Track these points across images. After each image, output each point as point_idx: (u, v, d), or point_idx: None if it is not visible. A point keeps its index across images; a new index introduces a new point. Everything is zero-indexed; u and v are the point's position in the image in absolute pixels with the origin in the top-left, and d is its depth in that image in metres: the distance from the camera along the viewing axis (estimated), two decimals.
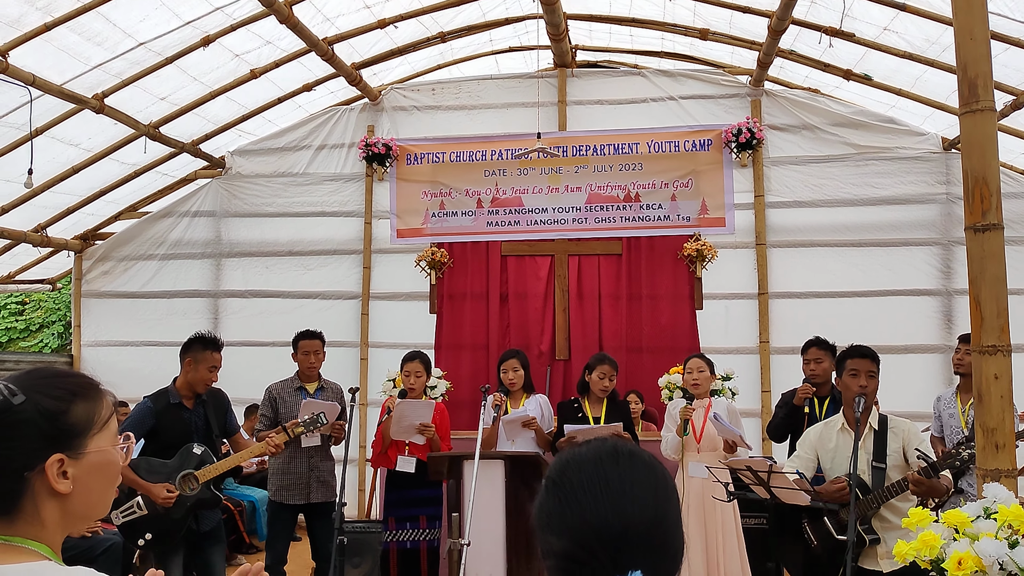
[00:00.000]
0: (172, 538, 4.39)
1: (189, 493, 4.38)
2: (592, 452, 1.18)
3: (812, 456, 3.95)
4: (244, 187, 8.51)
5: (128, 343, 8.46)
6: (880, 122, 7.70)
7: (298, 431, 4.75)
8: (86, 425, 1.30)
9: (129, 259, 8.62)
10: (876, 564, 3.61)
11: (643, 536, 1.09)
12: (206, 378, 4.56)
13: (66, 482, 1.26)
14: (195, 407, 4.58)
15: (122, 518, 4.34)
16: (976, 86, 3.00)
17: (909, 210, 7.62)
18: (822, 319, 7.11)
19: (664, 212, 7.95)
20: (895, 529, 3.56)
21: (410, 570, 5.10)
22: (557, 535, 1.12)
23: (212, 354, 4.57)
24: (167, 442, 4.45)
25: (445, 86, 8.43)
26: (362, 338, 8.19)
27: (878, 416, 3.80)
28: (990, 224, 2.93)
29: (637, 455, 1.18)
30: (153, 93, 6.90)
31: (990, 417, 2.86)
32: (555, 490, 1.16)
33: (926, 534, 2.56)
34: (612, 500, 1.11)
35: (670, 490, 1.18)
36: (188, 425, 4.52)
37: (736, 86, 8.00)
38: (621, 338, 7.81)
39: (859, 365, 3.81)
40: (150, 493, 4.29)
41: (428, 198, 8.25)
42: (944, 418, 5.38)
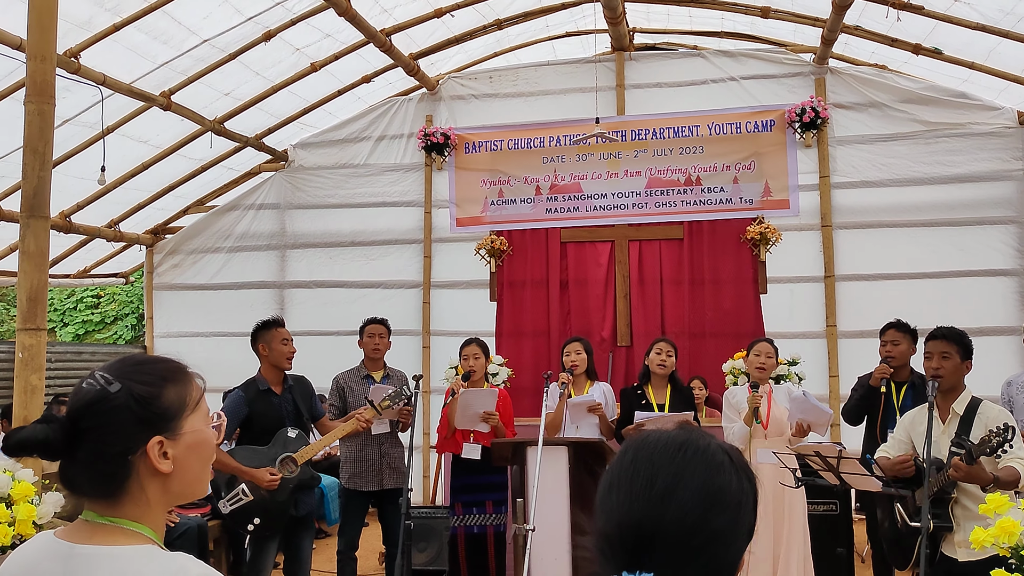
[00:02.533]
0: (278, 521, 4.53)
1: (289, 475, 4.51)
2: (657, 440, 1.13)
3: (906, 439, 3.87)
4: (307, 179, 8.66)
5: (198, 334, 8.70)
6: (951, 97, 7.44)
7: (384, 405, 4.82)
8: (179, 407, 1.35)
9: (198, 252, 8.86)
10: (954, 551, 3.51)
11: (673, 541, 1.03)
12: (285, 352, 4.67)
13: (167, 462, 1.32)
14: (283, 392, 4.70)
15: (230, 506, 4.47)
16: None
17: (983, 188, 7.35)
18: (891, 302, 6.93)
19: (726, 195, 7.83)
20: (973, 517, 3.45)
21: (478, 554, 5.16)
22: (599, 515, 1.10)
23: (278, 330, 4.69)
24: (262, 428, 4.57)
25: (502, 73, 8.43)
26: (424, 326, 8.27)
27: (969, 400, 3.68)
28: None
29: (704, 455, 1.10)
30: (217, 89, 7.07)
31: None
32: (610, 469, 1.13)
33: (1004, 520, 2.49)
34: (651, 496, 1.06)
35: (731, 500, 1.08)
36: (279, 410, 4.64)
37: (799, 64, 7.82)
38: (684, 323, 7.73)
39: (932, 347, 3.72)
40: (254, 478, 4.42)
41: (487, 186, 8.27)
42: (1017, 402, 5.19)
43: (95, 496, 1.31)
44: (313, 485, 4.74)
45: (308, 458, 4.56)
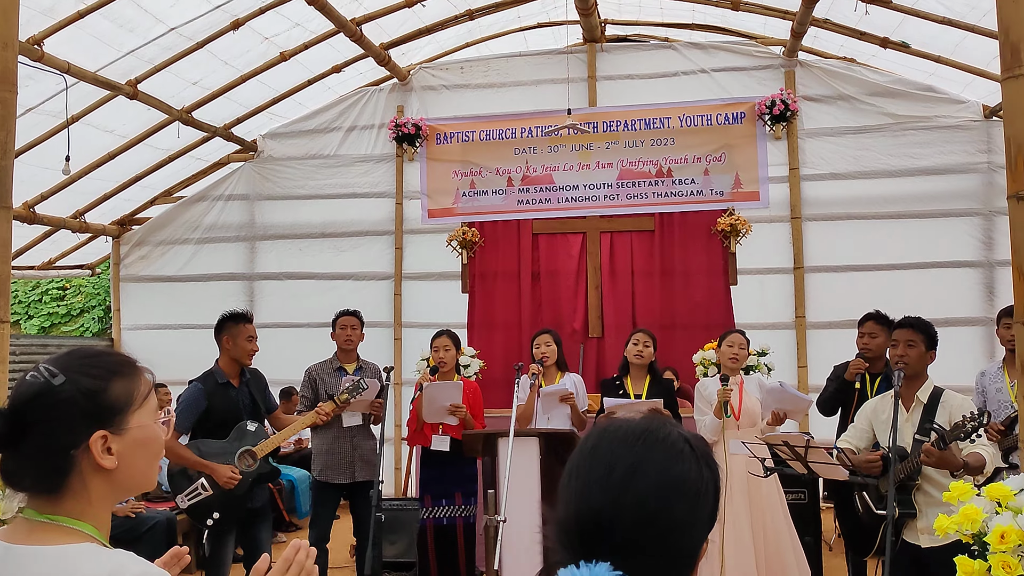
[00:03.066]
0: (235, 515, 4.49)
1: (247, 469, 4.47)
2: (620, 429, 1.13)
3: (868, 428, 3.92)
4: (276, 170, 8.57)
5: (166, 326, 8.59)
6: (918, 90, 7.53)
7: (343, 399, 4.81)
8: (126, 402, 1.32)
9: (165, 243, 8.74)
10: (916, 538, 3.57)
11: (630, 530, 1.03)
12: (248, 349, 4.63)
13: (111, 458, 1.29)
14: (241, 385, 4.65)
15: (188, 501, 4.42)
16: (1019, 50, 2.90)
17: (949, 180, 7.46)
18: (859, 293, 7.01)
19: (697, 187, 7.86)
20: (936, 504, 3.51)
21: (447, 546, 5.15)
22: (560, 503, 1.09)
23: (245, 326, 4.64)
24: (219, 421, 4.53)
25: (474, 64, 8.39)
26: (395, 318, 8.24)
27: (932, 389, 3.73)
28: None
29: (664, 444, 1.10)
30: (185, 78, 6.96)
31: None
32: (572, 458, 1.13)
33: (968, 508, 2.52)
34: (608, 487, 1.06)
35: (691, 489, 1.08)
36: (237, 403, 4.60)
37: (769, 57, 7.86)
38: (655, 315, 7.76)
39: (898, 335, 3.77)
40: (214, 473, 4.38)
41: (458, 177, 8.24)
42: (990, 393, 5.25)
43: (36, 492, 1.29)
44: (272, 478, 4.71)
45: (267, 451, 4.52)
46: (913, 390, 3.73)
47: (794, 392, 4.65)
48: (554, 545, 1.07)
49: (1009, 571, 2.26)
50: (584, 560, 0.99)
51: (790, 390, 4.66)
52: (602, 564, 0.98)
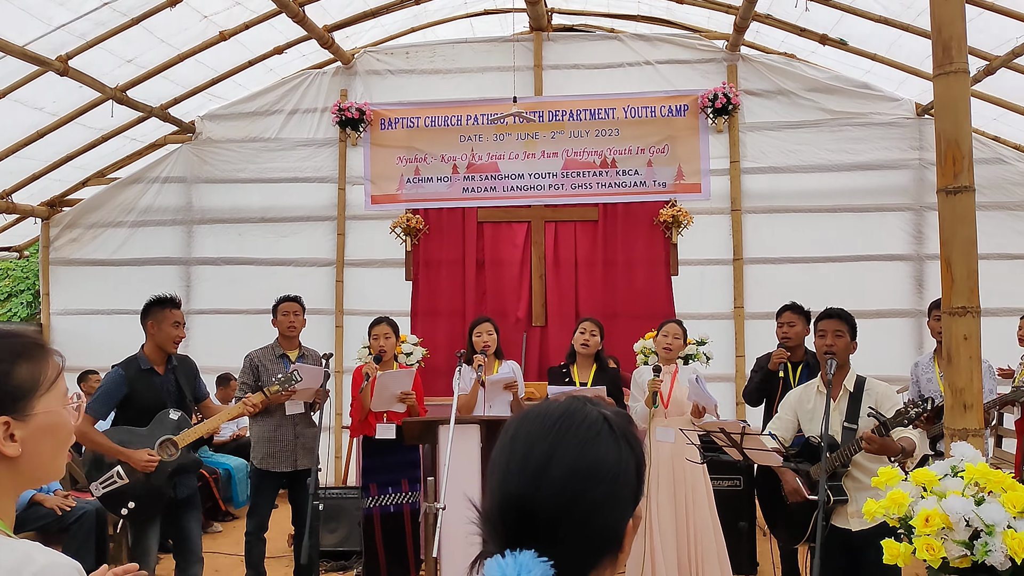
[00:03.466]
0: (154, 506, 4.36)
1: (168, 459, 4.35)
2: (536, 417, 1.13)
3: (792, 417, 4.00)
4: (215, 152, 8.38)
5: (99, 311, 8.34)
6: (855, 87, 7.71)
7: (273, 390, 4.72)
8: (31, 386, 1.27)
9: (98, 226, 8.48)
10: (846, 523, 3.67)
11: (551, 515, 1.03)
12: (172, 335, 4.47)
13: (14, 445, 1.24)
14: (166, 373, 4.51)
15: (103, 489, 4.28)
16: (950, 48, 2.99)
17: (883, 175, 7.67)
18: (796, 284, 7.16)
19: (640, 178, 7.94)
20: (865, 489, 3.61)
21: (395, 533, 5.12)
22: (486, 493, 1.11)
23: (172, 311, 4.48)
24: (141, 409, 4.39)
25: (419, 50, 8.32)
26: (337, 305, 8.14)
27: (855, 378, 3.84)
28: (962, 186, 2.94)
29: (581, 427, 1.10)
30: (119, 55, 6.74)
31: (959, 377, 2.89)
32: (498, 445, 1.13)
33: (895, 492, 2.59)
34: (529, 471, 1.06)
35: (608, 472, 1.08)
36: (161, 391, 4.46)
37: (712, 51, 7.96)
38: (597, 304, 7.82)
39: (825, 326, 3.86)
40: (131, 460, 4.25)
41: (403, 164, 8.17)
42: (922, 383, 5.44)
43: None
44: (194, 469, 4.58)
45: (190, 441, 4.41)
46: (839, 379, 3.83)
47: (703, 389, 4.72)
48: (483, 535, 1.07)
49: (933, 553, 2.33)
50: (510, 548, 0.99)
51: (701, 387, 4.73)
52: (527, 552, 0.98)
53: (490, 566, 0.98)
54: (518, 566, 0.97)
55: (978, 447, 2.71)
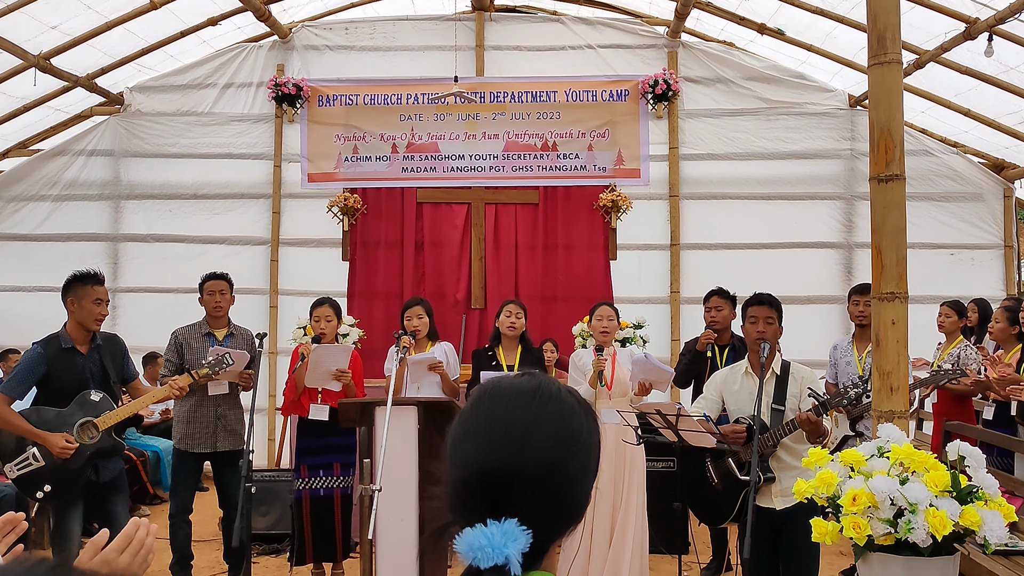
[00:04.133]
0: (72, 489, 4.20)
1: (88, 442, 4.20)
2: (510, 388, 1.15)
3: (717, 398, 4.07)
4: (145, 126, 8.10)
5: (20, 288, 8.01)
6: (791, 77, 7.85)
7: (202, 373, 4.59)
8: None
9: (19, 199, 8.13)
10: (771, 502, 3.76)
11: (532, 485, 1.05)
12: (94, 312, 4.30)
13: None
14: (90, 352, 4.34)
15: (17, 471, 4.12)
16: (885, 38, 3.05)
17: (815, 165, 7.84)
18: (730, 270, 7.29)
19: (581, 162, 7.96)
20: (789, 469, 3.71)
21: (323, 517, 5.06)
22: (452, 465, 1.10)
23: (94, 288, 4.31)
24: (61, 389, 4.22)
25: (359, 26, 8.17)
26: (271, 285, 7.98)
27: (781, 362, 3.93)
28: (893, 175, 3.01)
29: (556, 400, 1.13)
30: (43, 21, 6.45)
31: (886, 361, 2.97)
32: (462, 419, 1.14)
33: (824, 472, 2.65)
34: (509, 443, 1.07)
35: (582, 444, 1.13)
36: (83, 371, 4.29)
37: (654, 37, 8.01)
38: (537, 287, 7.85)
39: (757, 312, 3.92)
40: (46, 443, 4.09)
41: (341, 142, 8.03)
42: (840, 365, 5.60)
43: None
44: (114, 453, 4.41)
45: (111, 424, 4.26)
46: (767, 363, 3.91)
47: (658, 364, 4.80)
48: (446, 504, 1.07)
49: (859, 531, 2.40)
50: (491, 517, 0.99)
51: (654, 362, 4.81)
52: (510, 520, 0.99)
53: (471, 535, 0.98)
54: (503, 534, 0.98)
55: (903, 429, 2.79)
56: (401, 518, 4.19)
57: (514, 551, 0.97)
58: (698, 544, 5.86)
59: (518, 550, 0.97)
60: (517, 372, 1.45)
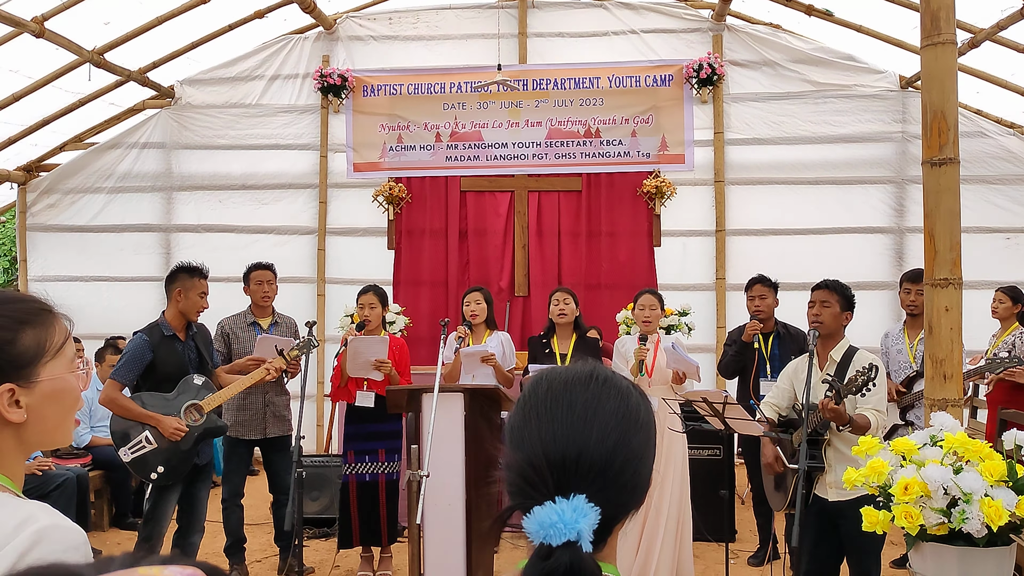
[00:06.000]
0: (181, 470, 4.35)
1: (194, 424, 4.34)
2: (567, 372, 1.17)
3: (789, 387, 4.04)
4: (195, 118, 8.25)
5: (77, 278, 8.24)
6: (839, 59, 7.70)
7: (293, 355, 4.68)
8: (36, 353, 1.25)
9: (76, 192, 8.35)
10: (824, 492, 3.72)
11: (597, 464, 1.07)
12: (198, 305, 4.47)
13: (19, 411, 1.22)
14: (187, 339, 4.50)
15: (131, 454, 4.26)
16: (938, 19, 2.99)
17: (865, 148, 7.69)
18: (777, 256, 7.21)
19: (624, 148, 7.91)
20: (844, 460, 3.65)
21: (369, 502, 5.14)
22: (515, 448, 1.11)
23: (199, 280, 4.48)
24: (164, 375, 4.37)
25: (402, 15, 8.20)
26: (319, 274, 8.10)
27: (846, 348, 3.86)
28: (947, 158, 2.95)
29: (612, 381, 1.16)
30: (97, 17, 6.62)
31: (939, 348, 2.93)
32: (523, 404, 1.16)
33: (875, 461, 2.63)
34: (572, 423, 1.09)
35: (641, 422, 1.14)
36: (183, 357, 4.44)
37: (698, 20, 7.92)
38: (580, 275, 7.84)
39: (815, 296, 3.89)
40: (160, 425, 4.23)
41: (385, 131, 8.09)
42: (891, 354, 5.50)
43: None
44: (219, 434, 4.58)
45: (215, 406, 4.41)
46: (828, 349, 3.86)
47: (683, 354, 4.75)
48: (512, 490, 1.08)
49: (911, 520, 2.37)
50: (561, 495, 1.01)
51: (680, 352, 4.76)
52: (579, 496, 1.00)
53: (541, 513, 0.99)
54: (573, 510, 0.99)
55: (957, 417, 2.75)
56: (448, 503, 4.24)
57: (585, 526, 0.98)
58: (744, 532, 5.84)
59: (589, 526, 0.98)
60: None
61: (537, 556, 0.98)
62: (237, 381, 4.59)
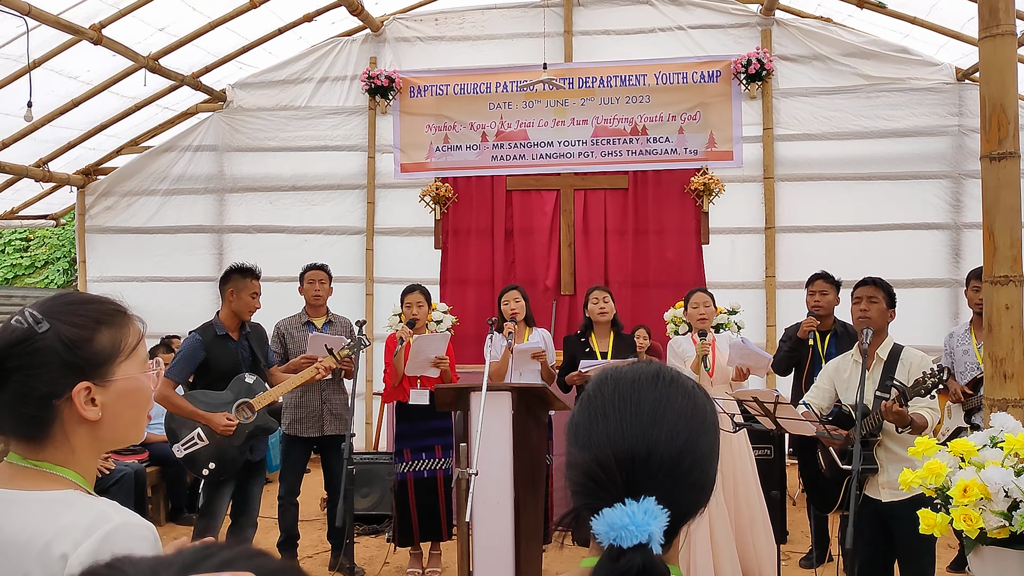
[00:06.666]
0: (232, 467, 4.46)
1: (245, 421, 4.44)
2: (632, 372, 1.16)
3: (830, 387, 3.98)
4: (246, 121, 8.41)
5: (133, 278, 8.44)
6: (893, 52, 7.54)
7: (343, 354, 4.75)
8: (112, 352, 1.29)
9: (132, 194, 8.57)
10: (877, 493, 3.65)
11: (667, 464, 1.06)
12: (250, 305, 4.58)
13: (94, 409, 1.26)
14: (240, 339, 4.60)
15: (184, 450, 4.38)
16: (997, 9, 2.91)
17: (920, 142, 7.52)
18: (829, 253, 7.08)
19: (671, 145, 7.85)
20: (897, 460, 3.58)
21: (428, 499, 5.18)
22: (581, 448, 1.10)
23: (252, 281, 4.59)
24: (218, 374, 4.48)
25: (448, 16, 8.25)
26: (367, 273, 8.19)
27: (891, 346, 3.79)
28: (1006, 152, 2.88)
29: (679, 381, 1.15)
30: (151, 24, 6.77)
31: (999, 347, 2.86)
32: (588, 403, 1.15)
33: (932, 462, 2.57)
34: (640, 422, 1.08)
35: (708, 422, 1.14)
36: (236, 356, 4.55)
37: (746, 15, 7.82)
38: (627, 273, 7.80)
39: (860, 292, 3.82)
40: (210, 423, 4.34)
41: (432, 132, 8.15)
42: (957, 354, 5.34)
43: (19, 438, 1.26)
44: (270, 431, 4.68)
45: (265, 404, 4.50)
46: (874, 347, 3.79)
47: (755, 348, 4.72)
48: (578, 490, 1.07)
49: (970, 524, 2.32)
50: (630, 498, 1.00)
51: (751, 346, 4.73)
52: (648, 499, 0.99)
53: (612, 515, 0.99)
54: (644, 512, 0.98)
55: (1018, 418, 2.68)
56: (497, 501, 4.26)
57: (656, 529, 0.97)
58: (796, 533, 5.76)
59: (659, 528, 0.98)
60: (631, 360, 1.45)
61: (607, 557, 0.98)
62: (287, 380, 4.67)
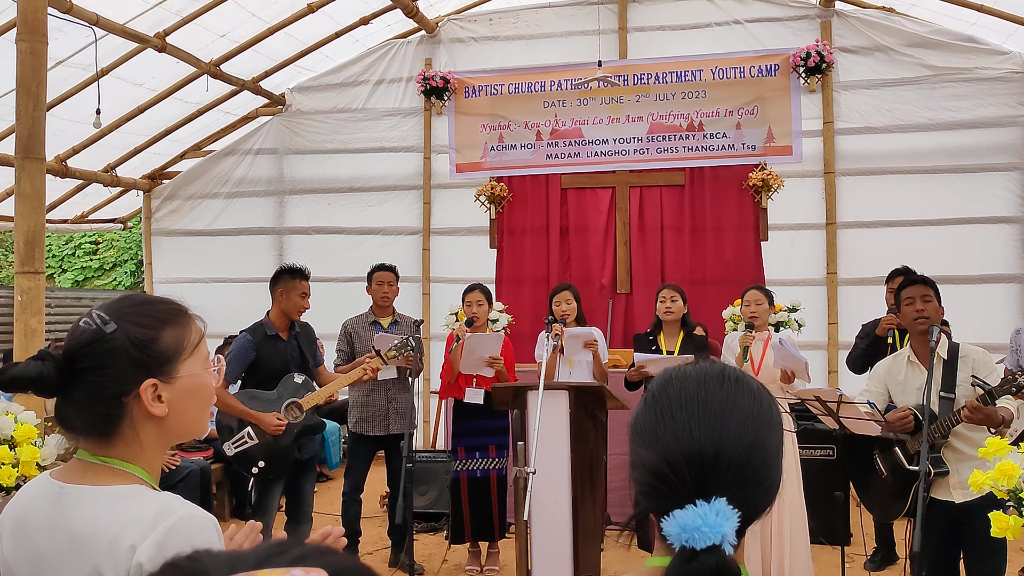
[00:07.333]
0: (281, 465, 4.56)
1: (294, 421, 4.53)
2: (698, 371, 1.15)
3: (883, 389, 3.88)
4: (304, 124, 8.56)
5: (198, 280, 8.68)
6: (959, 41, 7.31)
7: (391, 355, 4.82)
8: (176, 350, 1.34)
9: (195, 197, 8.80)
10: (948, 495, 3.55)
11: (735, 463, 1.05)
12: (299, 305, 4.67)
13: (161, 405, 1.31)
14: (289, 339, 4.70)
15: (234, 449, 4.50)
16: None
17: (988, 134, 7.28)
18: (893, 249, 6.92)
19: (728, 141, 7.75)
20: (967, 460, 3.48)
21: (481, 498, 5.22)
22: (648, 447, 1.10)
23: (301, 282, 4.68)
24: (268, 373, 4.58)
25: (502, 16, 8.27)
26: (424, 273, 8.26)
27: (948, 345, 3.69)
28: None
29: (744, 380, 1.14)
30: (213, 30, 6.94)
31: None
32: (653, 403, 1.14)
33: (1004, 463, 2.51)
34: (709, 421, 1.08)
35: (774, 422, 1.13)
36: (285, 355, 4.65)
37: (805, 7, 7.67)
38: (684, 271, 7.72)
39: (912, 292, 3.71)
40: (260, 422, 4.44)
41: (487, 131, 8.18)
42: (1023, 351, 5.19)
43: (88, 435, 1.31)
44: (318, 431, 4.77)
45: (314, 404, 4.58)
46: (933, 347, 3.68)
47: (791, 350, 4.57)
48: (646, 491, 1.06)
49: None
50: (701, 498, 0.99)
51: (788, 348, 4.59)
52: (719, 499, 0.99)
53: (684, 516, 0.98)
54: (716, 513, 0.98)
55: None
56: (555, 500, 4.26)
57: (729, 530, 0.96)
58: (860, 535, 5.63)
59: (732, 529, 0.97)
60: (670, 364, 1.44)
61: (681, 558, 0.97)
62: (335, 380, 4.75)
